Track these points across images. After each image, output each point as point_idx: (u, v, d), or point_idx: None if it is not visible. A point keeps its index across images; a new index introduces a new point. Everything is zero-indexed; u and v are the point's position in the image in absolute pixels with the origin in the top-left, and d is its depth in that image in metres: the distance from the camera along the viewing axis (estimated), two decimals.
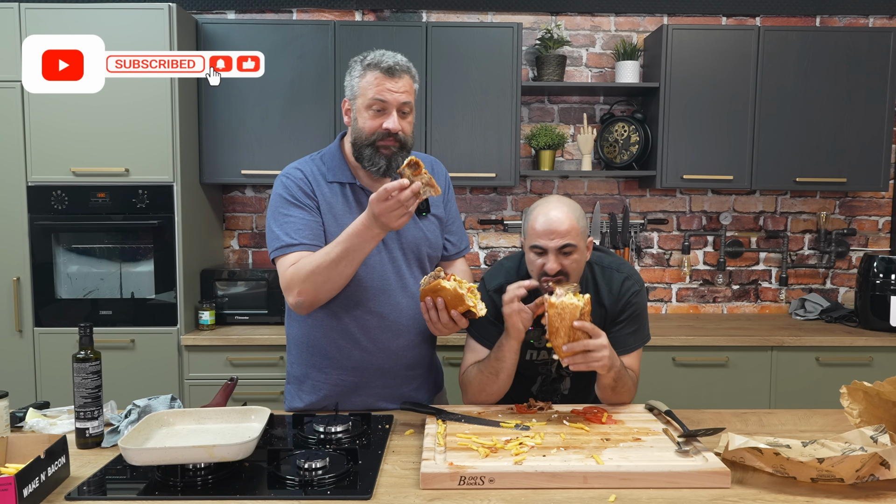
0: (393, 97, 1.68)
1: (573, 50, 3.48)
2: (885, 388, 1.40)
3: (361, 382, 1.81)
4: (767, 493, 1.28)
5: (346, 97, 1.77)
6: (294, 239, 1.69)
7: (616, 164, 3.38)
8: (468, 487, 1.29)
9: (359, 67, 1.72)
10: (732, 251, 3.58)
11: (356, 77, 1.72)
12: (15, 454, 1.37)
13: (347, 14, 3.43)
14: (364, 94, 1.69)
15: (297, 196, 1.73)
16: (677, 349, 2.99)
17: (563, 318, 1.56)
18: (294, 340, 1.87)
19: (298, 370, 1.86)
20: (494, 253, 3.58)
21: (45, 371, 2.93)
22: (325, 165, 1.80)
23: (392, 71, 1.68)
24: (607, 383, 1.69)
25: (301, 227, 1.71)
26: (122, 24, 2.83)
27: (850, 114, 3.16)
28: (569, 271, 1.70)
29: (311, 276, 1.64)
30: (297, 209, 1.72)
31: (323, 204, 1.75)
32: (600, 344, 1.60)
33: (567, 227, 1.67)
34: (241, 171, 3.12)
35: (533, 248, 1.70)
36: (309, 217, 1.72)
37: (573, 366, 1.61)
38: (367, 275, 1.75)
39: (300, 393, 1.86)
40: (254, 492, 1.29)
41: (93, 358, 1.51)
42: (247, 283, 3.16)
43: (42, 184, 2.89)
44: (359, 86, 1.71)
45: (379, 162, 1.71)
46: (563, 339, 1.58)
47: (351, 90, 1.74)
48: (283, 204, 1.74)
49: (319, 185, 1.76)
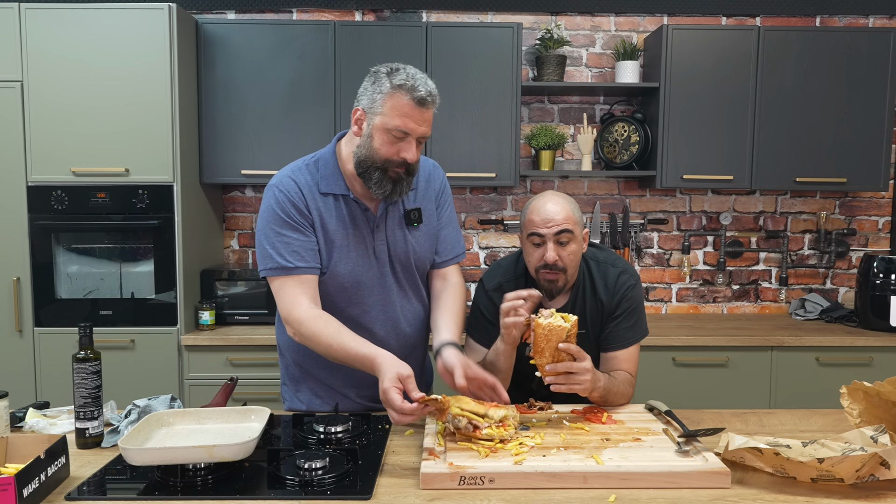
0: (418, 130, 1.61)
1: (573, 50, 3.48)
2: (885, 388, 1.40)
3: (349, 384, 1.82)
4: (767, 493, 1.28)
5: (362, 107, 1.64)
6: (290, 262, 1.65)
7: (616, 164, 3.38)
8: (468, 487, 1.29)
9: (387, 84, 1.59)
10: (732, 251, 3.58)
11: (382, 93, 1.59)
12: (15, 454, 1.37)
13: (347, 14, 3.43)
14: (387, 116, 1.59)
15: (291, 215, 1.67)
16: (677, 349, 2.99)
17: (549, 339, 1.56)
18: (286, 346, 1.86)
19: (291, 372, 1.87)
20: (494, 253, 3.58)
21: (45, 371, 2.93)
22: (319, 173, 1.72)
23: (423, 102, 1.59)
24: (595, 400, 1.71)
25: (297, 248, 1.66)
26: (122, 23, 2.83)
27: (850, 114, 3.16)
28: (565, 264, 1.71)
29: (310, 340, 1.64)
30: (291, 230, 1.67)
31: (316, 219, 1.69)
32: (584, 367, 1.59)
33: (564, 216, 1.70)
34: (241, 171, 3.13)
35: (531, 236, 1.72)
36: (304, 238, 1.67)
37: (555, 387, 1.60)
38: (360, 287, 1.74)
39: (297, 393, 1.87)
40: (254, 492, 1.28)
41: (93, 358, 1.51)
42: (247, 283, 3.16)
43: (42, 184, 2.89)
44: (382, 104, 1.59)
45: (386, 186, 1.64)
46: (548, 359, 1.59)
47: (371, 102, 1.62)
48: (277, 221, 1.67)
49: (314, 198, 1.69)
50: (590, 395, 1.67)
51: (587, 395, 1.66)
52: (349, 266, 1.72)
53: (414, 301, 1.84)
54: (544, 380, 1.62)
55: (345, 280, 1.72)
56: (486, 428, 1.44)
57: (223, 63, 3.09)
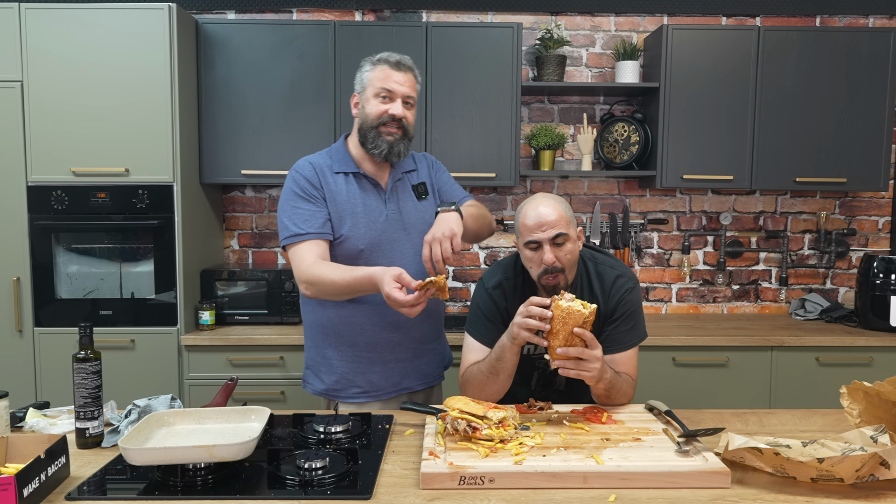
0: (399, 88, 1.87)
1: (573, 50, 3.48)
2: (885, 388, 1.40)
3: (375, 358, 1.94)
4: (767, 493, 1.28)
5: (356, 91, 1.94)
6: (301, 229, 1.86)
7: (616, 164, 3.38)
8: (468, 487, 1.29)
9: (368, 64, 1.91)
10: (732, 251, 3.58)
11: (366, 72, 1.91)
12: (15, 454, 1.37)
13: (347, 14, 3.43)
14: (372, 84, 1.88)
15: (304, 188, 1.89)
16: (677, 349, 2.99)
17: (566, 322, 1.57)
18: (309, 324, 2.01)
19: (316, 352, 2.00)
20: (494, 253, 3.58)
21: (45, 371, 2.93)
22: (332, 159, 1.96)
23: (399, 65, 1.88)
24: (599, 392, 1.71)
25: (308, 217, 1.87)
26: (122, 23, 2.83)
27: (850, 114, 3.16)
28: (563, 264, 1.72)
29: (319, 285, 1.81)
30: (304, 201, 1.88)
31: (328, 193, 1.90)
32: (594, 355, 1.61)
33: (556, 218, 1.71)
34: (241, 171, 3.13)
35: (528, 244, 1.73)
36: (315, 208, 1.88)
37: (563, 370, 1.62)
38: (374, 250, 1.90)
39: (319, 374, 1.99)
40: (254, 492, 1.29)
41: (93, 358, 1.51)
42: (247, 283, 3.16)
43: (42, 184, 2.89)
44: (368, 78, 1.90)
45: (381, 145, 1.88)
46: (561, 342, 1.59)
47: (360, 83, 1.92)
48: (293, 197, 1.90)
49: (325, 176, 1.92)
50: (595, 387, 1.68)
51: (593, 385, 1.66)
52: (362, 230, 1.90)
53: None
54: (552, 363, 1.62)
55: (359, 242, 1.90)
56: (485, 429, 1.45)
57: (223, 63, 3.09)
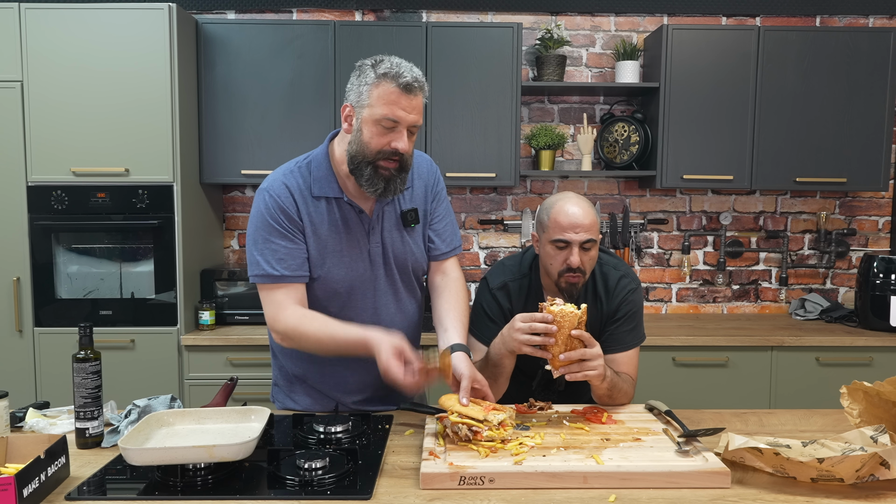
0: (407, 117, 1.55)
1: (573, 50, 3.48)
2: (885, 388, 1.40)
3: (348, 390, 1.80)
4: (767, 493, 1.28)
5: (350, 102, 1.60)
6: (277, 270, 1.64)
7: (616, 164, 3.38)
8: (468, 487, 1.29)
9: (371, 74, 1.55)
10: (732, 251, 3.58)
11: (367, 84, 1.55)
12: (15, 454, 1.37)
13: (347, 14, 3.43)
14: (374, 107, 1.54)
15: (280, 221, 1.64)
16: (677, 349, 2.99)
17: (561, 326, 1.56)
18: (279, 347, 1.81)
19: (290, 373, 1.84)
20: (494, 253, 3.58)
21: (45, 371, 2.93)
22: (312, 176, 1.67)
23: (410, 88, 1.54)
24: (602, 392, 1.70)
25: (284, 256, 1.64)
26: (122, 23, 2.83)
27: (850, 114, 3.16)
28: (585, 268, 1.72)
29: (298, 342, 1.66)
30: (279, 236, 1.64)
31: (307, 223, 1.66)
32: (595, 353, 1.60)
33: (590, 223, 1.69)
34: (241, 170, 3.13)
35: (555, 241, 1.71)
36: (292, 245, 1.65)
37: (569, 375, 1.60)
38: (353, 292, 1.72)
39: (292, 395, 1.84)
40: (254, 492, 1.28)
41: (93, 358, 1.51)
42: (247, 283, 3.16)
43: (42, 184, 2.89)
44: (369, 95, 1.55)
45: (377, 183, 1.60)
46: (561, 347, 1.58)
47: (358, 97, 1.57)
48: (266, 227, 1.65)
49: (305, 202, 1.66)
50: (598, 386, 1.66)
51: (597, 383, 1.65)
52: (342, 271, 1.69)
53: (407, 302, 1.82)
54: (555, 372, 1.60)
55: (338, 285, 1.70)
56: (486, 431, 1.44)
57: (223, 63, 3.09)
